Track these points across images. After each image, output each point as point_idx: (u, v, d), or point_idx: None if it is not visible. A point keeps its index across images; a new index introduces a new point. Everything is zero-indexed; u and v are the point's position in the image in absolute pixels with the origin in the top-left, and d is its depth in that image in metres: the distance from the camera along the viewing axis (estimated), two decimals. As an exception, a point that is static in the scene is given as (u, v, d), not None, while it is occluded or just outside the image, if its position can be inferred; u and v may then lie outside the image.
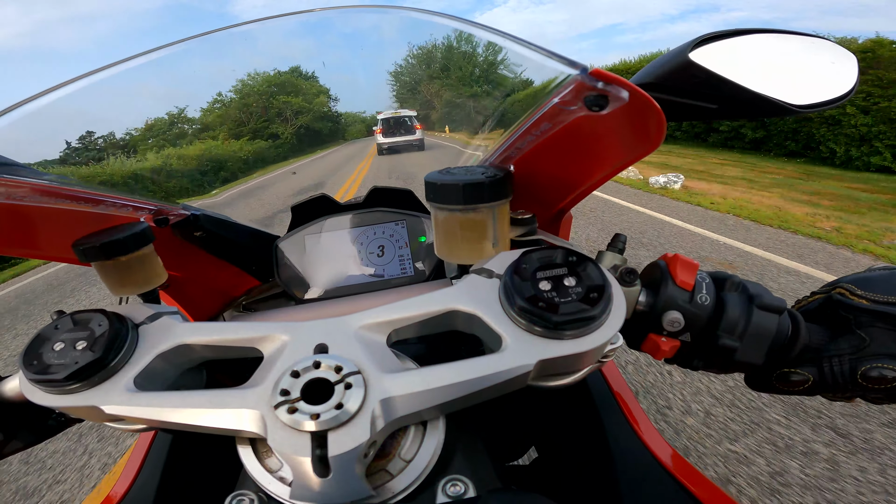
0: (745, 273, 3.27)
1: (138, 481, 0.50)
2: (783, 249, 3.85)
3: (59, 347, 0.35)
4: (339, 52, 0.66)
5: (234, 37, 0.50)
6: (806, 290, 0.68)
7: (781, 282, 3.14)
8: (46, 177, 0.44)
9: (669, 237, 4.25)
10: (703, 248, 3.91)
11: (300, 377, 0.31)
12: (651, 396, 2.02)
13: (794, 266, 3.44)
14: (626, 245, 0.45)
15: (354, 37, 0.57)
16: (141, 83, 0.50)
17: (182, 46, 0.47)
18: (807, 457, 1.61)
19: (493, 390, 0.31)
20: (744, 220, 4.83)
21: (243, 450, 0.33)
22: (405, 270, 0.70)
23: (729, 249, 3.85)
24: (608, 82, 0.29)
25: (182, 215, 0.58)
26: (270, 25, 0.51)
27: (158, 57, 0.45)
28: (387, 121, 1.58)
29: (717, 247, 3.94)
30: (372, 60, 0.79)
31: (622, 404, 0.54)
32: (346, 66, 0.81)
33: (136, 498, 0.49)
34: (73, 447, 2.14)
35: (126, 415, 0.33)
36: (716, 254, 3.75)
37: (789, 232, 4.37)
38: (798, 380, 0.39)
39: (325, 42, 0.63)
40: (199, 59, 0.52)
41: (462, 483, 0.32)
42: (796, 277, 3.22)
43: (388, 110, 1.57)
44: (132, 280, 0.50)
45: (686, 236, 4.27)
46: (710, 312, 0.39)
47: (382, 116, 1.58)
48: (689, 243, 4.04)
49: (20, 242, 0.46)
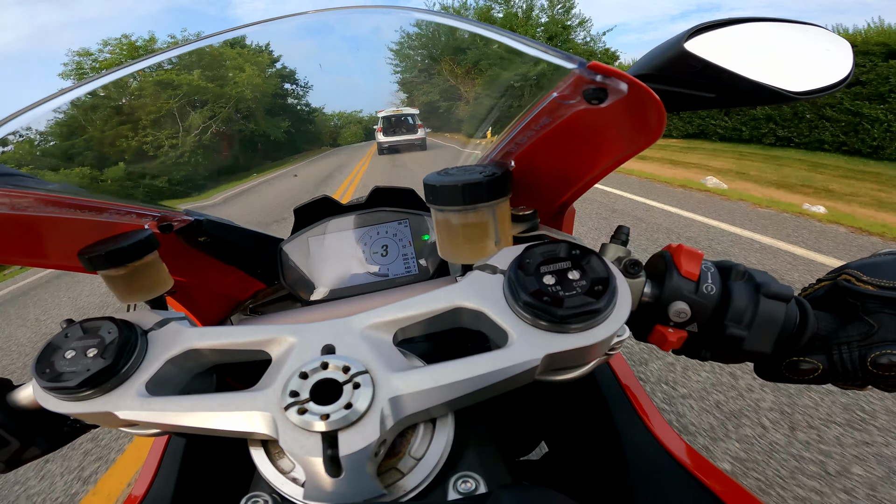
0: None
1: (155, 485, 0.51)
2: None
3: (71, 355, 0.35)
4: (336, 52, 0.66)
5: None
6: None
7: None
8: (50, 186, 0.44)
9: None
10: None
11: (308, 378, 0.32)
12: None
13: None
14: (629, 237, 0.45)
15: (351, 37, 0.57)
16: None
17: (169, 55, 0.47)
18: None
19: (500, 386, 0.31)
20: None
21: (256, 452, 0.33)
22: (409, 269, 0.70)
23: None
24: (607, 75, 0.29)
25: (186, 221, 0.59)
26: (269, 28, 0.50)
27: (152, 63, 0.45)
28: (387, 119, 1.56)
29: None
30: (367, 56, 0.78)
31: (631, 397, 0.54)
32: (341, 62, 0.80)
33: (154, 501, 0.49)
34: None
35: (139, 420, 0.33)
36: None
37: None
38: (808, 368, 0.38)
39: (325, 44, 0.63)
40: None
41: (473, 479, 0.32)
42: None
43: (388, 108, 1.54)
44: (139, 287, 0.51)
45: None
46: (717, 302, 0.39)
47: (383, 114, 1.56)
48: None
49: (26, 252, 0.47)
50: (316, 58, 0.74)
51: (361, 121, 1.51)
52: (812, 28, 0.37)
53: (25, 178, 0.43)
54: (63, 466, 1.99)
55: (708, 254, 1.24)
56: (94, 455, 2.06)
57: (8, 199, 0.39)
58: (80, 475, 1.93)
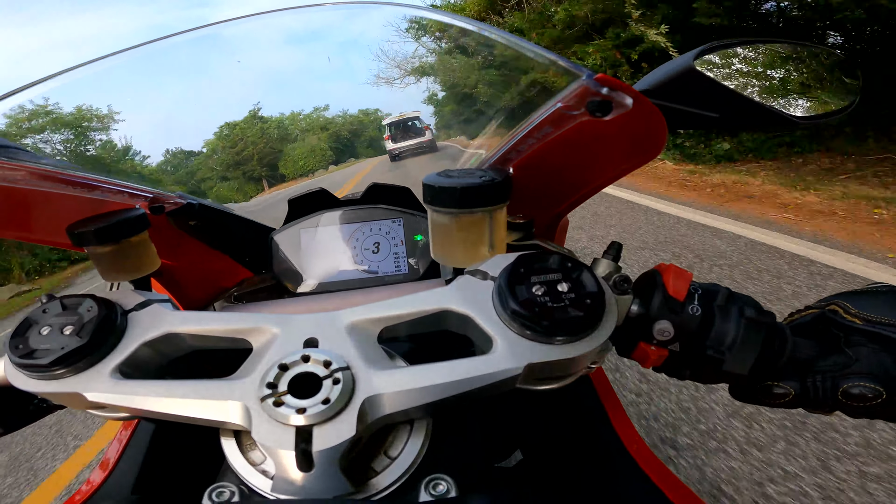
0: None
1: (117, 470, 0.50)
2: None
3: (46, 332, 0.34)
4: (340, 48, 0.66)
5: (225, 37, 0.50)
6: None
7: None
8: (44, 161, 0.44)
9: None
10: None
11: (288, 370, 0.31)
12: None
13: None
14: (620, 253, 0.45)
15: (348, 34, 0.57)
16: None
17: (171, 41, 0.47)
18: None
19: (481, 391, 0.31)
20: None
21: (227, 442, 0.33)
22: (399, 268, 0.70)
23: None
24: (613, 88, 0.29)
25: (178, 203, 0.58)
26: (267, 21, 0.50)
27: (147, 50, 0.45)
28: (393, 126, 1.52)
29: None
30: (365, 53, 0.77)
31: (608, 411, 0.55)
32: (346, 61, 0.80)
33: (114, 486, 0.48)
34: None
35: (108, 402, 0.32)
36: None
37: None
38: (780, 393, 0.39)
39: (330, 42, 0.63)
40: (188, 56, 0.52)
41: (445, 482, 0.32)
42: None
43: (392, 115, 1.51)
44: (125, 266, 0.50)
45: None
46: (700, 323, 0.39)
47: (387, 122, 1.52)
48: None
49: (15, 226, 0.46)
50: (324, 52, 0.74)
51: (329, 125, 1.03)
52: (823, 50, 0.37)
53: (20, 150, 0.42)
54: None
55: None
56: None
57: (0, 171, 0.38)
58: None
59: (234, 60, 0.64)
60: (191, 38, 0.48)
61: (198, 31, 0.48)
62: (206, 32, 0.49)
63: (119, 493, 0.48)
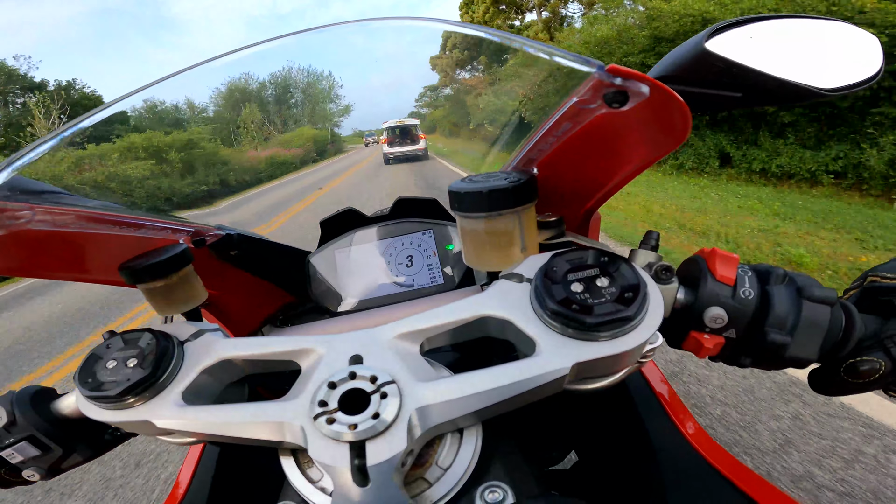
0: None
1: (190, 492, 0.52)
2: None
3: (112, 365, 0.37)
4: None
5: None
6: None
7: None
8: (90, 203, 0.47)
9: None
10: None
11: (337, 388, 0.32)
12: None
13: None
14: (658, 242, 0.44)
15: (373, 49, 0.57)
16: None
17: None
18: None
19: (528, 395, 0.31)
20: None
21: (286, 460, 0.34)
22: (434, 279, 0.70)
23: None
24: (626, 77, 0.29)
25: (218, 235, 0.61)
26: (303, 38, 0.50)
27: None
28: (392, 130, 1.55)
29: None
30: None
31: (664, 404, 0.53)
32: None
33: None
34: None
35: (176, 428, 0.34)
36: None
37: None
38: (868, 369, 0.36)
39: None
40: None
41: (501, 489, 0.31)
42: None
43: (393, 119, 1.53)
44: (175, 299, 0.53)
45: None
46: (756, 307, 0.37)
47: (388, 125, 1.55)
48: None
49: (68, 267, 0.49)
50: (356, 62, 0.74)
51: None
52: (837, 23, 0.35)
53: (65, 195, 0.45)
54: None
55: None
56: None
57: (49, 216, 0.41)
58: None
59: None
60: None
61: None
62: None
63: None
